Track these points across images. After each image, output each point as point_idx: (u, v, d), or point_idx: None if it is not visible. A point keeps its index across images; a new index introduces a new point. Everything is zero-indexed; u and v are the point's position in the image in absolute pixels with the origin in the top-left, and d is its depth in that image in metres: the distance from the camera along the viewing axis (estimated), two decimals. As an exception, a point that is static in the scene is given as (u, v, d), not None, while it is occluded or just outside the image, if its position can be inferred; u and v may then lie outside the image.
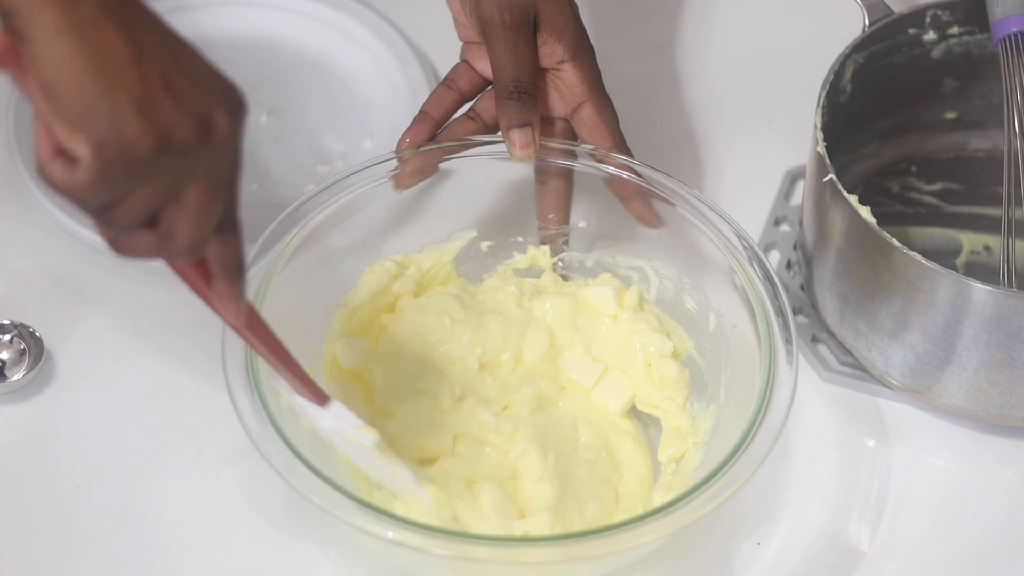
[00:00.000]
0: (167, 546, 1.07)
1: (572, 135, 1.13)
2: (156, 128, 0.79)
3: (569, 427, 1.08)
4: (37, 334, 1.14)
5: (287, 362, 0.95)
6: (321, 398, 0.97)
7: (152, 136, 0.78)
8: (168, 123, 0.79)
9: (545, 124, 1.12)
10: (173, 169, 0.80)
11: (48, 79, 0.78)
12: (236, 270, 0.88)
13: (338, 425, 0.97)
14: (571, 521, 1.03)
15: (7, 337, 1.14)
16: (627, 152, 1.11)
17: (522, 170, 1.12)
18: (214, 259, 0.87)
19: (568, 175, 1.12)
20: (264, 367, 0.98)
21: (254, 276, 1.03)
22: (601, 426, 1.09)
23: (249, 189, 1.24)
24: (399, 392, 1.08)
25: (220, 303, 0.90)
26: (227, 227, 0.86)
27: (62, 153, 0.79)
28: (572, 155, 1.11)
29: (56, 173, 0.79)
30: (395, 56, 1.30)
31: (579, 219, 1.14)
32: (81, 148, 0.78)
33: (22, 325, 1.14)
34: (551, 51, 1.09)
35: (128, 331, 1.16)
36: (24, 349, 1.13)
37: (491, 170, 1.11)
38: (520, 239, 1.15)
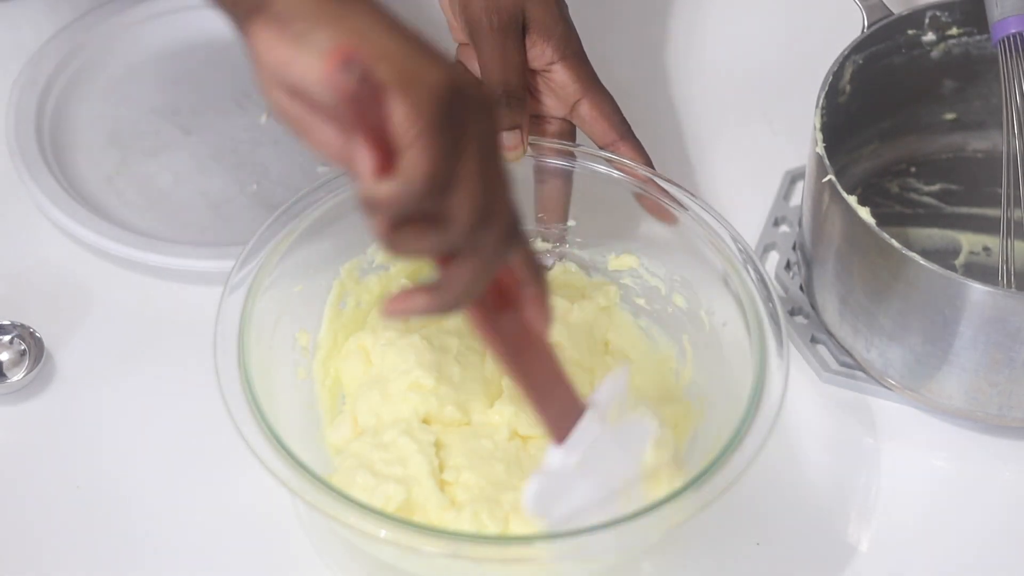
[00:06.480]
0: (165, 546, 1.07)
1: (570, 134, 1.13)
2: (445, 67, 0.79)
3: None
4: (37, 335, 1.14)
5: (558, 384, 0.92)
6: (582, 405, 0.93)
7: (446, 73, 0.78)
8: (445, 66, 0.79)
9: (541, 124, 1.12)
10: (468, 126, 0.79)
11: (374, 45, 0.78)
12: (543, 269, 0.86)
13: (611, 402, 0.94)
14: None
15: (7, 337, 1.14)
16: (635, 141, 1.11)
17: (518, 168, 1.12)
18: (521, 260, 0.85)
19: (566, 175, 1.12)
20: (257, 367, 0.98)
21: (247, 276, 1.03)
22: None
23: (249, 189, 1.24)
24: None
25: (535, 311, 0.86)
26: (518, 227, 0.84)
27: (385, 168, 0.77)
28: (569, 155, 1.11)
29: (387, 188, 0.77)
30: (395, 57, 1.30)
31: (574, 218, 1.14)
32: (402, 106, 0.77)
33: (22, 326, 1.14)
34: (540, 52, 1.09)
35: (128, 332, 1.16)
36: (24, 350, 1.14)
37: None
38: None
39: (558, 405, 0.93)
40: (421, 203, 0.78)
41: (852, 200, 1.09)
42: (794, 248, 1.23)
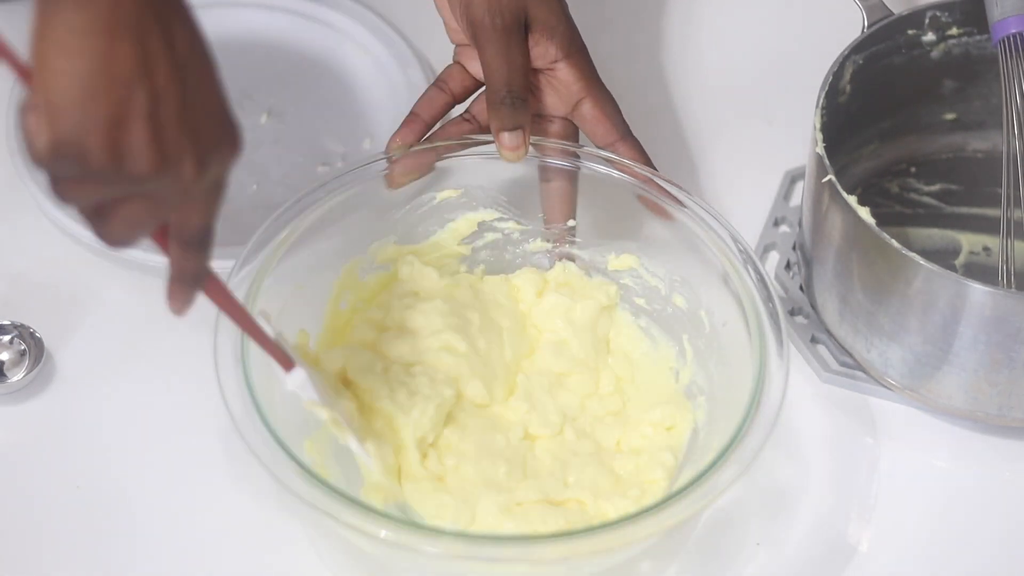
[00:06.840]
0: (165, 546, 1.07)
1: (572, 134, 1.13)
2: (116, 152, 0.78)
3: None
4: (37, 335, 1.14)
5: (251, 329, 0.96)
6: (286, 363, 0.97)
7: (108, 157, 0.78)
8: (131, 151, 0.78)
9: (543, 123, 1.12)
10: (120, 185, 0.80)
11: (47, 62, 0.78)
12: (191, 280, 0.88)
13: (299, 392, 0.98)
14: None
15: (7, 338, 1.14)
16: (635, 141, 1.11)
17: (518, 169, 1.12)
18: (174, 259, 0.87)
19: (571, 175, 1.12)
20: (257, 367, 0.98)
21: (247, 276, 1.03)
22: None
23: (249, 189, 1.24)
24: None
25: (169, 294, 0.90)
26: (197, 241, 0.86)
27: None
28: (570, 155, 1.11)
29: (29, 123, 0.78)
30: (395, 57, 1.30)
31: (575, 218, 1.14)
32: (43, 132, 0.77)
33: (22, 326, 1.14)
34: (544, 51, 1.09)
35: (128, 332, 1.16)
36: (24, 350, 1.14)
37: (487, 169, 1.12)
38: (521, 232, 1.15)
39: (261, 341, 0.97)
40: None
41: (852, 200, 1.09)
42: (794, 248, 1.23)
